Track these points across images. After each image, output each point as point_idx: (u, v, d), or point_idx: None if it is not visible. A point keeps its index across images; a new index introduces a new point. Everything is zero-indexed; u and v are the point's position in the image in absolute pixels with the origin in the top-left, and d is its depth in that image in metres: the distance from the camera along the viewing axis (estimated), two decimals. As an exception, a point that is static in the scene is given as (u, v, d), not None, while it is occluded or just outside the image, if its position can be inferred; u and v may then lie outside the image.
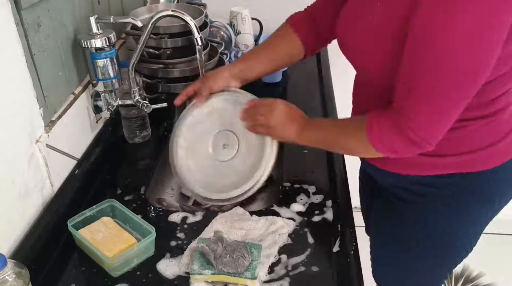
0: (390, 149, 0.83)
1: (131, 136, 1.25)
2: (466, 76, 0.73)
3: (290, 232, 0.95)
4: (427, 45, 0.72)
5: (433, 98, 0.75)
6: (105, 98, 1.13)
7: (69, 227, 0.89)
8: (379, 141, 0.82)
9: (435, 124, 0.78)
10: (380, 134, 0.82)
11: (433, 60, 0.72)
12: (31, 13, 0.87)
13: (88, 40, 1.03)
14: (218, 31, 1.60)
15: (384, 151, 0.83)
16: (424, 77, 0.74)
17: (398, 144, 0.81)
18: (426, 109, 0.77)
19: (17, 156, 0.85)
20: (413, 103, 0.77)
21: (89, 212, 0.93)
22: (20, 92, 0.85)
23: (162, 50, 1.25)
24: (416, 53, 0.74)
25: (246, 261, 0.83)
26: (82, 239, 0.87)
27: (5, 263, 0.68)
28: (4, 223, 0.82)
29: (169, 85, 1.27)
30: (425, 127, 0.78)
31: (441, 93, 0.75)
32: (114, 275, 0.86)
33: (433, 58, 0.72)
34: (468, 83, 0.74)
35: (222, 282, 0.83)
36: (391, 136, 0.81)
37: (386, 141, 0.82)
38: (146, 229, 0.89)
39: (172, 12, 1.07)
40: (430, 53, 0.72)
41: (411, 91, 0.76)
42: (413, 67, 0.75)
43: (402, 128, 0.79)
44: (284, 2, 1.82)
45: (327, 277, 0.86)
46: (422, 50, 0.73)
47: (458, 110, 0.77)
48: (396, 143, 0.81)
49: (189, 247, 0.90)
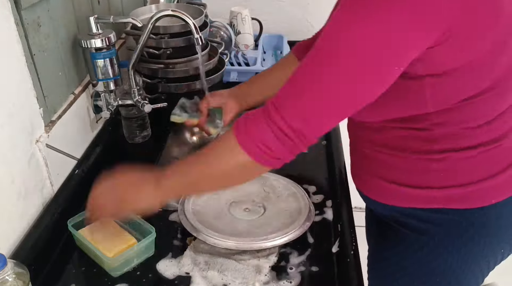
0: (263, 146, 0.70)
1: (131, 136, 1.25)
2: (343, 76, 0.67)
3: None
4: (318, 42, 0.69)
5: (303, 91, 0.70)
6: (105, 98, 1.13)
7: (69, 227, 0.89)
8: (248, 138, 0.71)
9: (309, 115, 0.70)
10: (247, 129, 0.71)
11: (314, 54, 0.69)
12: (31, 13, 0.87)
13: (88, 40, 1.03)
14: (218, 31, 1.60)
15: (256, 150, 0.71)
16: (300, 71, 0.70)
17: (268, 136, 0.70)
18: (295, 99, 0.70)
19: (17, 156, 0.85)
20: (283, 93, 0.71)
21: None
22: (20, 92, 0.85)
23: (162, 50, 1.25)
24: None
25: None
26: (82, 239, 0.87)
27: (5, 263, 0.68)
28: (4, 223, 0.82)
29: (169, 85, 1.27)
30: (296, 115, 0.69)
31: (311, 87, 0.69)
32: (114, 275, 0.85)
33: (316, 51, 0.69)
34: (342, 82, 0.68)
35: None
36: (260, 128, 0.70)
37: (255, 135, 0.71)
38: (146, 229, 0.89)
39: (172, 12, 1.07)
40: (314, 49, 0.69)
41: (288, 91, 0.72)
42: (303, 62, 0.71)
43: (270, 116, 0.70)
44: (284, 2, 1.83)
45: (327, 277, 0.86)
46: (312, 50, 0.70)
47: (340, 111, 0.71)
48: (266, 134, 0.70)
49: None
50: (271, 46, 1.79)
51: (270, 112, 0.70)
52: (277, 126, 0.69)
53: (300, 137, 0.70)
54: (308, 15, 1.82)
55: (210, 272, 0.85)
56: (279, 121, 0.69)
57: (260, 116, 0.71)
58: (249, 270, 0.85)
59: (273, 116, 0.70)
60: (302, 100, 0.70)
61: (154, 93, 1.28)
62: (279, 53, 1.76)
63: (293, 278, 0.85)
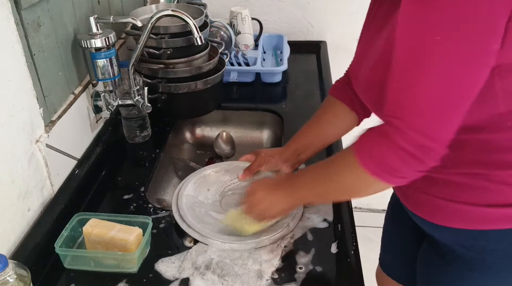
0: (386, 168, 0.69)
1: (131, 136, 1.25)
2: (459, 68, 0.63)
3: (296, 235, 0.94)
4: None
5: (417, 101, 0.66)
6: (105, 98, 1.13)
7: (59, 250, 0.86)
8: (370, 160, 0.70)
9: (429, 125, 0.66)
10: (369, 152, 0.70)
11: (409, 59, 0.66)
12: (31, 13, 0.87)
13: (88, 40, 1.03)
14: (218, 31, 1.60)
15: (380, 173, 0.70)
16: (403, 85, 0.67)
17: (392, 158, 0.68)
18: (412, 114, 0.67)
19: (17, 156, 0.85)
20: (398, 110, 0.67)
21: (66, 232, 0.89)
22: (20, 92, 0.85)
23: (162, 50, 1.25)
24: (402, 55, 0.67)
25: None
26: (93, 253, 0.88)
27: (6, 264, 0.68)
28: (4, 223, 0.82)
29: (169, 85, 1.27)
30: (417, 131, 0.66)
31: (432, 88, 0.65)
32: (133, 271, 0.86)
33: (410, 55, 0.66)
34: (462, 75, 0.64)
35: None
36: (382, 149, 0.69)
37: (378, 159, 0.69)
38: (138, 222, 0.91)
39: (172, 12, 1.07)
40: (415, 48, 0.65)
41: (396, 95, 0.68)
42: (397, 70, 0.68)
43: (391, 137, 0.67)
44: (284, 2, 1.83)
45: (327, 277, 0.86)
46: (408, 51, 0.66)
47: (460, 108, 0.66)
48: (389, 156, 0.68)
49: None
50: (271, 46, 1.79)
51: (391, 135, 0.68)
52: (401, 149, 0.67)
53: (427, 153, 0.66)
54: (308, 15, 1.82)
55: (210, 275, 0.85)
56: (402, 143, 0.67)
57: (381, 138, 0.69)
58: (250, 275, 0.85)
59: (395, 139, 0.67)
60: (419, 111, 0.66)
61: (154, 93, 1.28)
62: (279, 53, 1.76)
63: (294, 278, 0.85)
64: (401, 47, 0.67)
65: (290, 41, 1.74)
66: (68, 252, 0.88)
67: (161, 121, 1.35)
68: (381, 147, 0.69)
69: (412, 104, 0.67)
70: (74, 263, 0.88)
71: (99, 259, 0.87)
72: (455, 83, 0.64)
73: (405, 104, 0.67)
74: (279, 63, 1.68)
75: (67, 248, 0.88)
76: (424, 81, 0.65)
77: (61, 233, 0.87)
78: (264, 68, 1.57)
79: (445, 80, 0.64)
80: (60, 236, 0.87)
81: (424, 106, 0.66)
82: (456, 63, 0.63)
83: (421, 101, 0.66)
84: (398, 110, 0.68)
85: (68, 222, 0.90)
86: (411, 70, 0.66)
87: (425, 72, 0.65)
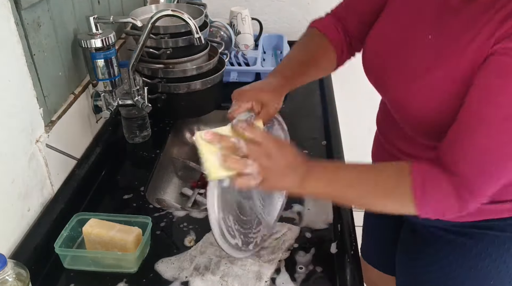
0: (439, 213, 0.72)
1: (131, 136, 1.25)
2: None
3: (295, 237, 0.94)
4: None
5: (489, 164, 0.68)
6: (105, 98, 1.13)
7: (59, 250, 0.86)
8: (429, 209, 0.71)
9: (488, 186, 0.70)
10: (432, 202, 0.70)
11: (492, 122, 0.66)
12: (31, 13, 0.87)
13: (88, 40, 1.03)
14: (218, 31, 1.60)
15: (431, 214, 0.72)
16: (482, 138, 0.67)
17: (450, 210, 0.71)
18: (492, 184, 0.69)
19: (17, 156, 0.85)
20: (469, 166, 0.68)
21: (65, 232, 0.88)
22: (20, 92, 0.85)
23: (162, 50, 1.25)
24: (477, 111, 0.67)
25: None
26: (92, 253, 0.88)
27: (5, 263, 0.68)
28: (4, 223, 0.82)
29: (169, 85, 1.27)
30: (485, 195, 0.70)
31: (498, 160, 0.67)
32: (133, 271, 0.86)
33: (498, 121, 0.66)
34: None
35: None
36: (449, 206, 0.71)
37: (439, 209, 0.71)
38: (138, 222, 0.90)
39: (172, 12, 1.07)
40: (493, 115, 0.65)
41: (465, 151, 0.68)
42: (469, 123, 0.68)
43: (464, 198, 0.69)
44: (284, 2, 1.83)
45: (327, 277, 0.86)
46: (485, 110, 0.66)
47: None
48: (449, 209, 0.71)
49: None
50: (271, 46, 1.79)
51: (463, 196, 0.69)
52: (467, 207, 0.70)
53: (473, 206, 0.70)
54: (308, 15, 1.82)
55: (209, 276, 0.85)
56: (471, 203, 0.69)
57: (451, 194, 0.69)
58: (249, 276, 0.85)
59: (467, 200, 0.69)
60: (493, 177, 0.69)
61: (154, 93, 1.28)
62: (279, 53, 1.76)
63: (294, 278, 0.85)
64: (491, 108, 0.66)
65: (290, 41, 1.74)
66: (68, 252, 0.88)
67: (161, 121, 1.35)
68: (448, 203, 0.70)
69: (491, 188, 0.69)
70: (73, 263, 0.88)
71: (99, 259, 0.87)
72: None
73: (486, 187, 0.69)
74: (279, 63, 1.68)
75: (67, 248, 0.88)
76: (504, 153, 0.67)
77: (61, 233, 0.87)
78: (264, 68, 1.57)
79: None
80: (59, 236, 0.87)
81: (493, 188, 0.69)
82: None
83: (495, 184, 0.69)
84: (469, 167, 0.68)
85: (67, 222, 0.90)
86: (498, 136, 0.66)
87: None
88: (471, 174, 0.68)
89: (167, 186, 1.24)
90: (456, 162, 0.69)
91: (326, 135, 1.28)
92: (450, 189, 0.69)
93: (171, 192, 1.24)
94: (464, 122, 0.69)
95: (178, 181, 1.29)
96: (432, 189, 0.69)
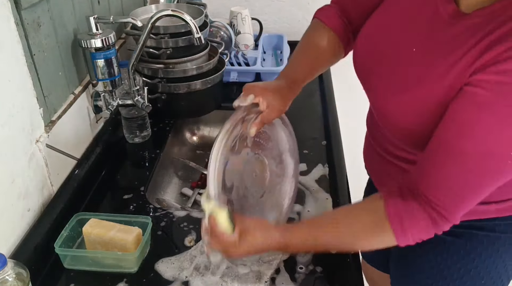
0: (418, 240, 0.74)
1: (131, 136, 1.25)
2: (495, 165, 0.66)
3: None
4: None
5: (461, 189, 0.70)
6: (105, 98, 1.13)
7: (59, 250, 0.86)
8: (407, 238, 0.73)
9: (462, 210, 0.72)
10: (416, 236, 0.73)
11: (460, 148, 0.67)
12: (31, 13, 0.87)
13: (88, 40, 1.03)
14: (218, 31, 1.60)
15: (410, 242, 0.74)
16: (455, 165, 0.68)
17: (428, 235, 0.73)
18: (464, 207, 0.71)
19: (17, 156, 0.85)
20: (440, 194, 0.70)
21: (65, 232, 0.89)
22: (20, 92, 0.85)
23: (162, 50, 1.25)
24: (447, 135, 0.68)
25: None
26: (92, 253, 0.88)
27: (5, 263, 0.68)
28: (4, 223, 0.82)
29: (169, 85, 1.28)
30: (453, 216, 0.72)
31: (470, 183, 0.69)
32: (133, 271, 0.86)
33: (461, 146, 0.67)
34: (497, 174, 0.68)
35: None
36: (424, 231, 0.73)
37: (416, 236, 0.73)
38: (137, 222, 0.90)
39: (172, 12, 1.07)
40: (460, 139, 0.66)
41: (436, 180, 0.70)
42: (438, 152, 0.69)
43: (439, 225, 0.72)
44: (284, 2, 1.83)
45: (327, 277, 0.86)
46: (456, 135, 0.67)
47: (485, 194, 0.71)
48: (426, 236, 0.73)
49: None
50: (271, 46, 1.79)
51: (438, 222, 0.71)
52: (442, 230, 0.72)
53: (448, 227, 0.73)
54: (308, 15, 1.81)
55: (210, 276, 0.85)
56: (446, 227, 0.72)
57: (427, 225, 0.72)
58: (249, 276, 0.85)
59: (442, 226, 0.72)
60: (465, 203, 0.71)
61: (154, 93, 1.28)
62: (279, 53, 1.76)
63: (294, 278, 0.85)
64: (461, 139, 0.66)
65: (290, 41, 1.74)
66: (68, 252, 0.88)
67: (161, 121, 1.35)
68: (428, 233, 0.73)
69: (462, 211, 0.71)
70: (73, 263, 0.88)
71: (99, 259, 0.87)
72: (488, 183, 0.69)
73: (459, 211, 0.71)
74: (279, 63, 1.68)
75: (67, 248, 0.88)
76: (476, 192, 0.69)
77: (61, 233, 0.87)
78: (264, 68, 1.57)
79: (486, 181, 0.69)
80: (59, 236, 0.87)
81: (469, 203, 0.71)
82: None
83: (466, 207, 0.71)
84: (450, 206, 0.70)
85: (68, 222, 0.90)
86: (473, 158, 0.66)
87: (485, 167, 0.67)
88: (442, 201, 0.70)
89: (167, 186, 1.24)
90: (427, 189, 0.71)
91: (326, 135, 1.28)
92: (426, 219, 0.71)
93: (171, 192, 1.24)
94: (434, 151, 0.70)
95: (178, 181, 1.30)
96: (409, 225, 0.72)
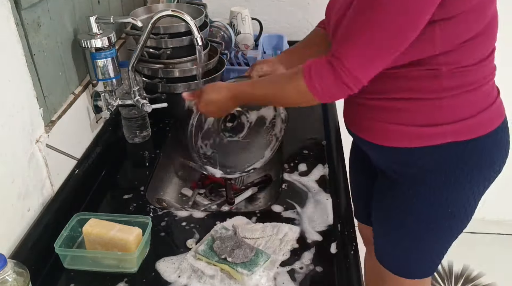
0: (328, 94, 0.87)
1: (131, 136, 1.25)
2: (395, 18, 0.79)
3: (296, 237, 0.94)
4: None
5: (362, 41, 0.82)
6: (105, 98, 1.13)
7: (59, 250, 0.86)
8: (319, 88, 0.87)
9: (366, 66, 0.83)
10: (318, 79, 0.86)
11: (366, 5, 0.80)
12: (31, 13, 0.87)
13: (88, 40, 1.03)
14: (218, 31, 1.60)
15: (322, 97, 0.88)
16: (357, 21, 0.82)
17: (334, 88, 0.86)
18: (357, 52, 0.82)
19: (17, 156, 0.85)
20: (346, 47, 0.83)
21: (65, 232, 0.89)
22: (20, 92, 0.85)
23: (162, 50, 1.25)
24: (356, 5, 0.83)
25: (246, 258, 0.84)
26: (92, 253, 0.88)
27: (5, 263, 0.68)
28: (4, 223, 0.82)
29: (169, 85, 1.27)
30: (357, 68, 0.83)
31: (370, 37, 0.81)
32: (133, 270, 0.86)
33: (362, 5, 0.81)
34: (397, 27, 0.79)
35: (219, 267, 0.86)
36: (328, 83, 0.86)
37: (324, 87, 0.86)
38: (137, 222, 0.90)
39: (172, 12, 1.07)
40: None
41: (346, 36, 0.84)
42: (351, 17, 0.84)
43: (338, 73, 0.84)
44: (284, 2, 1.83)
45: (327, 277, 0.86)
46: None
47: (390, 54, 0.82)
48: (332, 87, 0.86)
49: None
50: (271, 46, 1.79)
51: (338, 71, 0.83)
52: (343, 83, 0.84)
53: (357, 85, 0.84)
54: (308, 15, 1.82)
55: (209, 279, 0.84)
56: (345, 78, 0.83)
57: (329, 73, 0.85)
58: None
59: (341, 75, 0.83)
60: (360, 49, 0.82)
61: (154, 93, 1.28)
62: (279, 53, 1.75)
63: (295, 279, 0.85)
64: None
65: (290, 41, 1.74)
66: (68, 252, 0.88)
67: (161, 121, 1.35)
68: (328, 79, 0.86)
69: (358, 58, 0.83)
70: (73, 263, 0.88)
71: (99, 259, 0.87)
72: (394, 31, 0.80)
73: (349, 44, 0.83)
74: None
75: (67, 248, 0.88)
76: (368, 26, 0.81)
77: (61, 233, 0.87)
78: (264, 68, 1.57)
79: (386, 27, 0.80)
80: (59, 236, 0.87)
81: (367, 63, 0.83)
82: (400, 12, 0.78)
83: (366, 58, 0.83)
84: (343, 48, 0.84)
85: (67, 222, 0.90)
86: (361, 15, 0.82)
87: (372, 18, 0.80)
88: (344, 54, 0.83)
89: (167, 186, 1.24)
90: (336, 46, 0.85)
91: (326, 135, 1.28)
92: (328, 68, 0.85)
93: (171, 192, 1.24)
94: (351, 17, 0.84)
95: (178, 181, 1.30)
96: (315, 72, 0.86)
